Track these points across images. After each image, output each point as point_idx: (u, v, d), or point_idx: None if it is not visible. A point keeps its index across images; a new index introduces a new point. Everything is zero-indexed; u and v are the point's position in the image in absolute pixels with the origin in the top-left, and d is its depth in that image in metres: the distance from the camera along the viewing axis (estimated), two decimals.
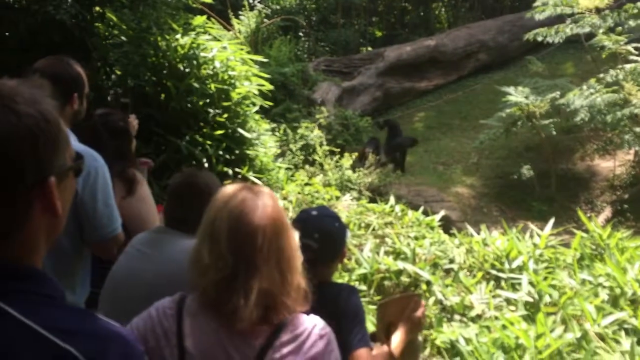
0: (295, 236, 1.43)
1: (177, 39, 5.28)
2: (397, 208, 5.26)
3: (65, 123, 2.19)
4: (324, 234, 1.88)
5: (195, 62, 5.28)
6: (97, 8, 5.47)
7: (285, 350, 1.31)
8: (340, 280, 3.78)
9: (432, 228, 4.93)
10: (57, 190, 0.90)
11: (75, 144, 2.13)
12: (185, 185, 2.07)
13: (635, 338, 2.80)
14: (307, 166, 8.75)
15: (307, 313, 1.39)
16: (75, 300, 2.10)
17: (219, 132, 5.30)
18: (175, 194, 2.08)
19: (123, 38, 5.36)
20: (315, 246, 1.85)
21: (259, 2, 15.70)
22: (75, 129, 2.31)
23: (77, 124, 2.36)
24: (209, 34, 5.79)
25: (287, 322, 1.33)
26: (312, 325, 1.36)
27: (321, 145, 9.36)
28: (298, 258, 1.40)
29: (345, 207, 5.69)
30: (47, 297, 0.89)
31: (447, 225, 6.05)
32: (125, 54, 5.31)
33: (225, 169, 5.25)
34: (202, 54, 5.34)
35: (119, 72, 5.37)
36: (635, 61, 9.38)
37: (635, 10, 9.59)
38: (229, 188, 1.43)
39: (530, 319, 3.17)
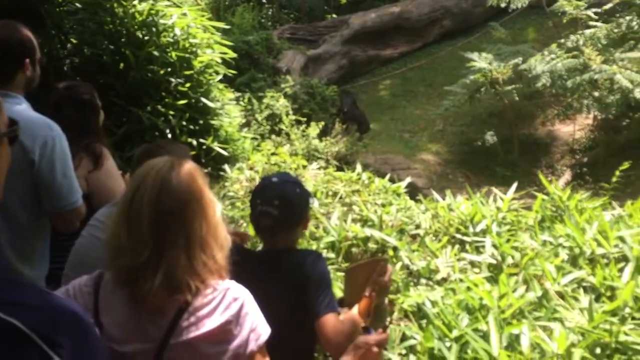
0: (215, 211, 1.42)
1: (134, 5, 5.10)
2: (364, 176, 5.27)
3: (19, 90, 2.10)
4: (284, 201, 1.86)
5: (154, 29, 5.12)
6: None
7: (197, 315, 1.34)
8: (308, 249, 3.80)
9: (398, 195, 4.97)
10: None
11: (29, 112, 2.05)
12: (145, 157, 2.03)
13: (593, 295, 2.90)
14: (273, 136, 8.67)
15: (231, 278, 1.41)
16: (34, 275, 2.05)
17: (182, 101, 5.18)
18: (136, 166, 2.04)
19: (78, 5, 5.14)
20: (275, 213, 1.84)
21: None
22: (37, 100, 2.22)
23: (38, 94, 2.27)
24: (168, 0, 5.60)
25: (200, 290, 1.35)
26: (226, 288, 1.38)
27: (287, 114, 9.28)
28: (216, 235, 1.40)
29: (312, 176, 5.68)
30: None
31: (413, 191, 6.11)
32: (81, 21, 5.10)
33: (190, 139, 5.16)
34: (161, 21, 5.17)
35: (74, 41, 5.16)
36: (595, 26, 9.54)
37: None
38: (149, 165, 1.40)
39: (493, 280, 3.25)
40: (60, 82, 2.70)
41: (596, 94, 8.91)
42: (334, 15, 15.70)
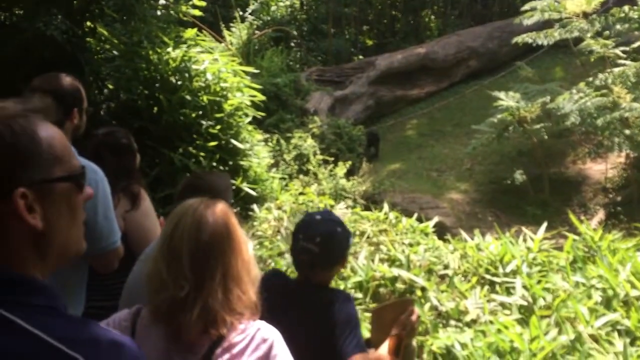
0: (248, 249, 1.47)
1: (168, 52, 5.32)
2: (391, 215, 5.26)
3: (67, 138, 2.21)
4: (325, 239, 1.89)
5: (187, 74, 5.32)
6: (89, 23, 5.50)
7: (227, 355, 1.36)
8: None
9: (426, 234, 4.94)
10: (38, 204, 0.91)
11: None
12: (188, 188, 2.11)
13: (628, 339, 2.82)
14: (301, 176, 8.77)
15: (261, 318, 1.44)
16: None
17: (212, 143, 5.33)
18: (180, 198, 2.13)
19: (115, 52, 5.40)
20: (316, 250, 1.87)
21: (249, 14, 15.76)
22: (78, 146, 2.33)
23: (79, 140, 2.38)
24: (201, 47, 5.82)
25: (231, 329, 1.38)
26: (256, 329, 1.41)
27: (315, 154, 9.40)
28: (249, 271, 1.44)
29: (340, 216, 5.70)
30: (49, 307, 0.91)
31: (441, 231, 6.07)
32: (117, 68, 5.34)
33: None
34: (193, 67, 5.38)
35: (111, 87, 5.40)
36: (623, 64, 9.48)
37: (622, 14, 9.69)
38: (185, 204, 1.47)
39: (524, 322, 3.19)
40: (99, 128, 2.83)
41: (627, 132, 8.78)
42: (361, 57, 16.00)
